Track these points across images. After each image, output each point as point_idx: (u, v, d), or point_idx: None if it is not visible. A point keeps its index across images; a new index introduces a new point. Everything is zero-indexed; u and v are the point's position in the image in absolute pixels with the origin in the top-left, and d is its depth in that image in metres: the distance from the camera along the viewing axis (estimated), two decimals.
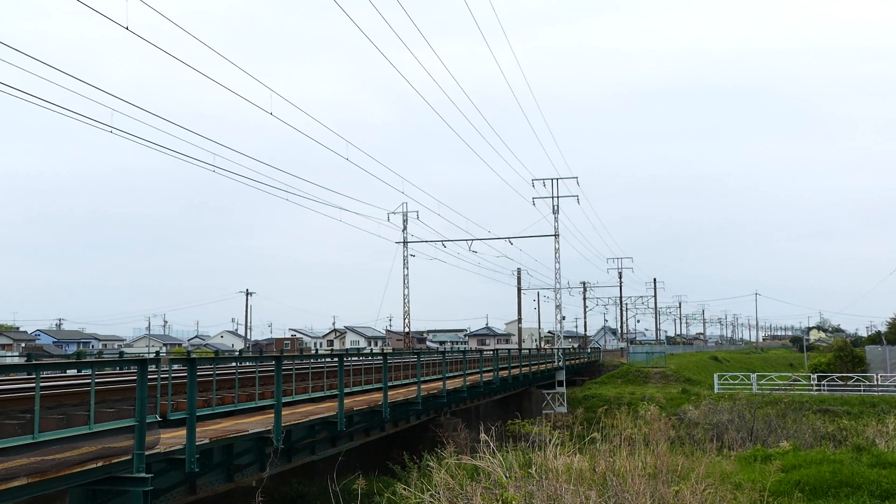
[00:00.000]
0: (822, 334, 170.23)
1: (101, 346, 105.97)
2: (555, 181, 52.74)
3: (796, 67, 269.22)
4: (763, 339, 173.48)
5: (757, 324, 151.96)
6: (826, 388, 46.12)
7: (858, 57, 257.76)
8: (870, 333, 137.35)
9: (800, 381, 48.57)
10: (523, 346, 70.30)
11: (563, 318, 60.75)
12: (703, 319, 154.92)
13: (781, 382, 48.01)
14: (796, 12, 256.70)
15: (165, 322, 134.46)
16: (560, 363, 47.99)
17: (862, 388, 45.13)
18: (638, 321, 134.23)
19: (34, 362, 13.33)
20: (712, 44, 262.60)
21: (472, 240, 55.22)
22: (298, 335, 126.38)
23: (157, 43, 17.04)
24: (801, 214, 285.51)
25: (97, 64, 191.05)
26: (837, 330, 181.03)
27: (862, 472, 14.85)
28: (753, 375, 48.99)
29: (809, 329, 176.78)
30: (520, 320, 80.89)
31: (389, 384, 19.32)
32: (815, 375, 48.72)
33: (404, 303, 60.53)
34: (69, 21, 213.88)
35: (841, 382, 46.68)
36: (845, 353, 56.23)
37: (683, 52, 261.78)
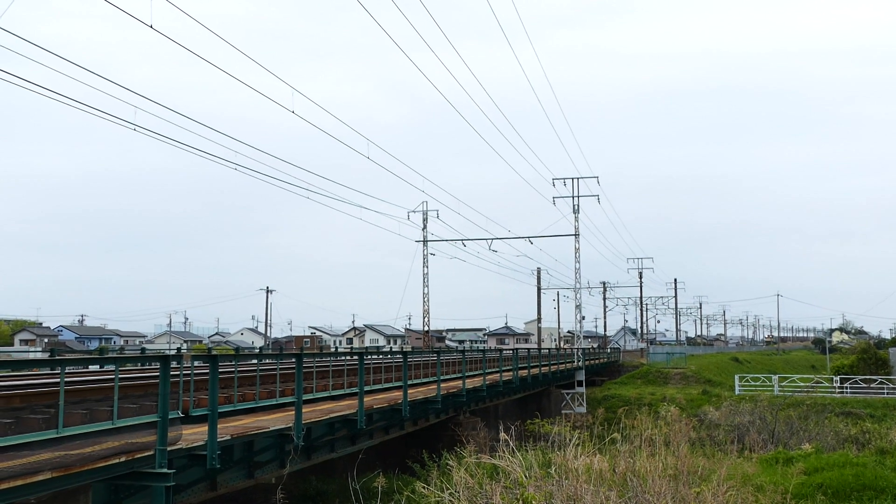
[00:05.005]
0: (845, 336, 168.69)
1: (122, 343, 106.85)
2: (575, 181, 52.59)
3: (813, 69, 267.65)
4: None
5: (779, 325, 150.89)
6: (849, 390, 45.67)
7: (875, 58, 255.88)
8: (893, 336, 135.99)
9: (822, 383, 48.14)
10: (543, 345, 70.17)
11: (583, 317, 60.64)
12: (724, 320, 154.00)
13: (803, 384, 47.61)
14: (812, 14, 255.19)
15: (186, 319, 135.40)
16: (580, 363, 47.85)
17: (885, 391, 44.65)
18: (658, 322, 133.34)
19: (58, 357, 13.46)
20: (728, 46, 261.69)
21: (492, 239, 55.17)
22: (318, 333, 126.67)
23: (179, 41, 17.15)
24: (817, 215, 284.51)
25: (121, 65, 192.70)
26: (860, 332, 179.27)
27: (886, 476, 14.72)
28: (775, 377, 48.62)
29: (832, 331, 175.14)
30: (539, 320, 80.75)
31: (409, 383, 19.33)
32: (838, 378, 48.26)
33: (424, 301, 60.55)
34: (94, 23, 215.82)
35: (864, 385, 46.21)
36: (868, 356, 55.69)
37: (699, 55, 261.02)
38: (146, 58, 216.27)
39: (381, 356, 25.13)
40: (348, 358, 21.42)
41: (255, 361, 19.87)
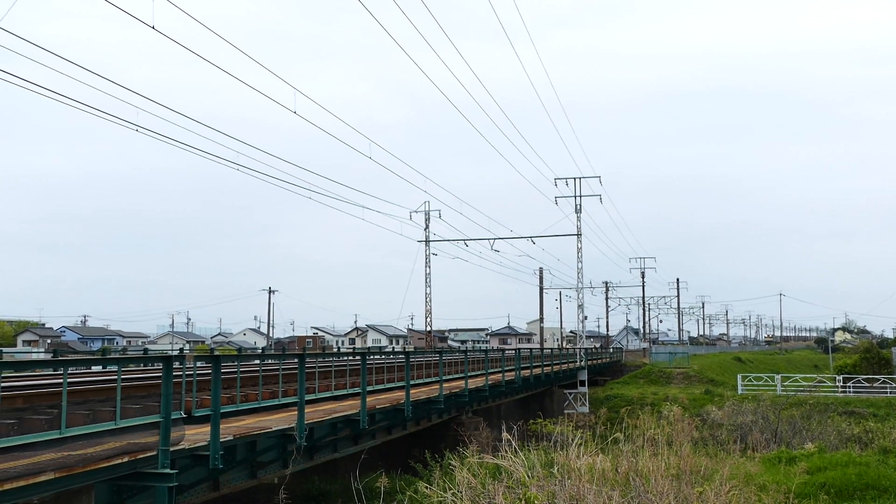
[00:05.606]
0: (848, 335, 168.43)
1: (125, 343, 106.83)
2: (577, 180, 52.60)
3: (813, 69, 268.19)
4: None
5: (781, 325, 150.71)
6: (852, 389, 45.62)
7: (875, 58, 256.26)
8: None
9: (825, 382, 48.07)
10: (545, 345, 70.11)
11: (586, 317, 60.57)
12: (727, 320, 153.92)
13: (806, 384, 47.55)
14: (812, 15, 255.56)
15: (189, 319, 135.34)
16: (582, 363, 47.82)
17: (888, 391, 44.61)
18: (661, 321, 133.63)
19: (61, 358, 13.47)
20: (728, 46, 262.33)
21: (495, 239, 55.24)
22: (320, 333, 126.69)
23: (180, 41, 17.16)
24: (818, 215, 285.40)
25: (122, 65, 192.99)
26: (863, 331, 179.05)
27: (888, 475, 14.70)
28: (777, 377, 48.58)
29: (835, 330, 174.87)
30: (542, 319, 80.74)
31: (412, 383, 19.33)
32: (841, 377, 48.20)
33: (426, 301, 60.57)
34: (96, 23, 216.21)
35: (867, 384, 46.16)
36: (871, 355, 55.60)
37: (699, 55, 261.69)
38: (147, 58, 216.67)
39: (383, 356, 25.13)
40: (351, 358, 21.43)
41: (257, 362, 19.88)
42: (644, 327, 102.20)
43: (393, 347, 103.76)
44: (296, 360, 14.31)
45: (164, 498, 9.39)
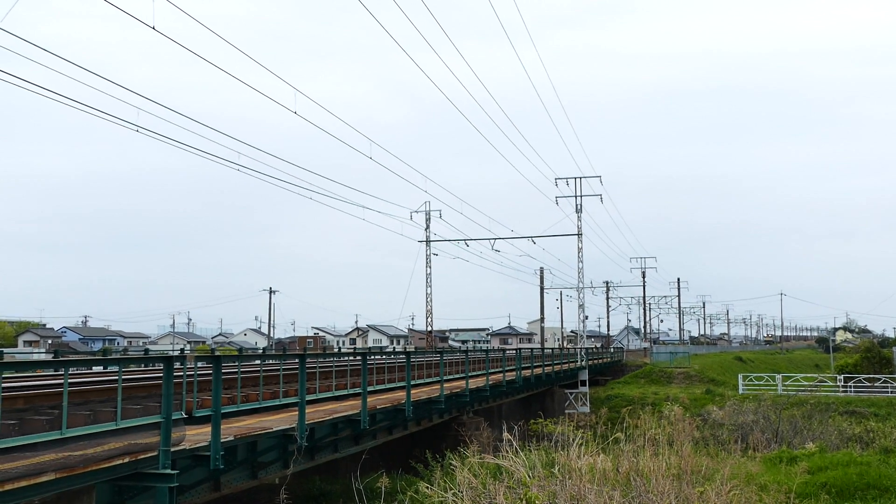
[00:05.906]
0: (849, 335, 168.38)
1: (126, 344, 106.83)
2: (578, 180, 52.57)
3: (813, 69, 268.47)
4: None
5: (782, 324, 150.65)
6: (853, 389, 45.59)
7: (875, 58, 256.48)
8: None
9: (826, 382, 48.03)
10: (546, 345, 70.10)
11: (587, 317, 60.58)
12: (728, 319, 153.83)
13: (807, 383, 47.52)
14: (812, 14, 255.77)
15: (189, 320, 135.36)
16: (583, 363, 47.80)
17: (889, 390, 44.57)
18: (661, 321, 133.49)
19: (61, 359, 13.47)
20: (728, 46, 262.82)
21: (495, 239, 55.22)
22: (321, 333, 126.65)
23: (180, 41, 17.16)
24: (818, 215, 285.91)
25: (122, 65, 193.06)
26: (864, 331, 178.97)
27: (890, 475, 14.69)
28: (778, 376, 48.55)
29: (836, 330, 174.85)
30: (542, 319, 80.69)
31: (412, 383, 19.32)
32: (842, 377, 48.16)
33: (427, 301, 60.55)
34: (96, 23, 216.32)
35: (868, 384, 46.12)
36: (872, 354, 55.56)
37: (699, 55, 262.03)
38: (147, 58, 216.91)
39: (384, 356, 25.13)
40: (351, 358, 21.42)
41: (258, 362, 19.88)
42: (645, 327, 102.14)
43: (394, 347, 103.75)
44: (296, 361, 14.32)
45: (165, 498, 9.40)
